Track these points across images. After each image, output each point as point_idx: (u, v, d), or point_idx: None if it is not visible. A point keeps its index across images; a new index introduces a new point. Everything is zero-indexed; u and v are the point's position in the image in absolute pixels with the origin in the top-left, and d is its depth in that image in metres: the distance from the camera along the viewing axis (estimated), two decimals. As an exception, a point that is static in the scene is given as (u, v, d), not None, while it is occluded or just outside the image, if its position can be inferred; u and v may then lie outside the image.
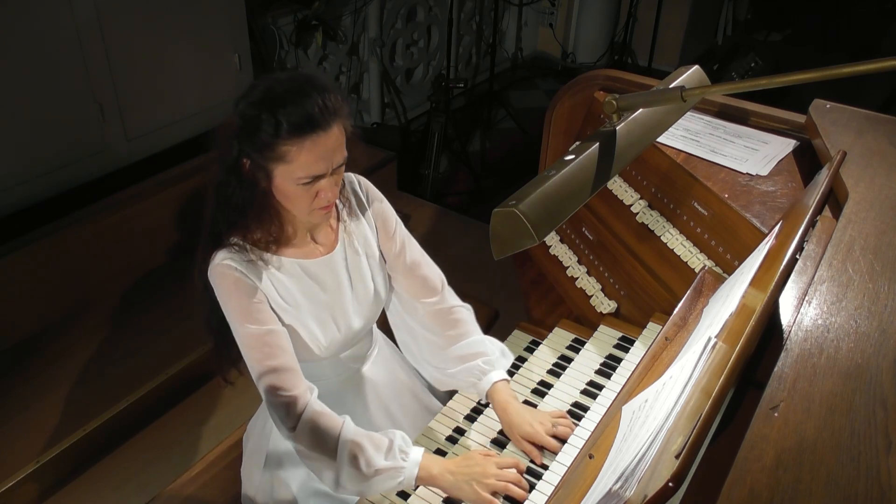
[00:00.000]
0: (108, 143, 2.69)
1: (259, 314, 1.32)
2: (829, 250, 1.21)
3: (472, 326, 1.55)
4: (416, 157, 4.13)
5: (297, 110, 1.20)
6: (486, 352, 1.51)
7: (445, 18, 4.34)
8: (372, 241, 1.50)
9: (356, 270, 1.46)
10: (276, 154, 1.22)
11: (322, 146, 1.22)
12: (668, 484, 0.74)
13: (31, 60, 2.36)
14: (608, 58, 5.60)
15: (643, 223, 1.78)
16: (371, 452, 1.30)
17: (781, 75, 0.92)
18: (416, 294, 1.54)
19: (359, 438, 1.31)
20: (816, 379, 0.97)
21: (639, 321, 1.74)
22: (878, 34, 4.90)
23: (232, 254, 1.32)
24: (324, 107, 1.21)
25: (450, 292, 1.57)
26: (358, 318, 1.47)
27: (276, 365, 1.31)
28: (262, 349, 1.31)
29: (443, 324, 1.53)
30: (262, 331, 1.32)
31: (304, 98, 1.21)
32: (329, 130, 1.22)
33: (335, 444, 1.30)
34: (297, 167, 1.23)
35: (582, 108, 2.09)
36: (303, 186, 1.26)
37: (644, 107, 1.16)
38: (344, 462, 1.29)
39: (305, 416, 1.30)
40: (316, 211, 1.31)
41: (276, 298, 1.36)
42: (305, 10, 3.57)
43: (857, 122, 1.68)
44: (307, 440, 1.30)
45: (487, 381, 1.48)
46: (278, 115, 1.19)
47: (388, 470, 1.30)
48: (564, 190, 0.99)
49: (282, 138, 1.20)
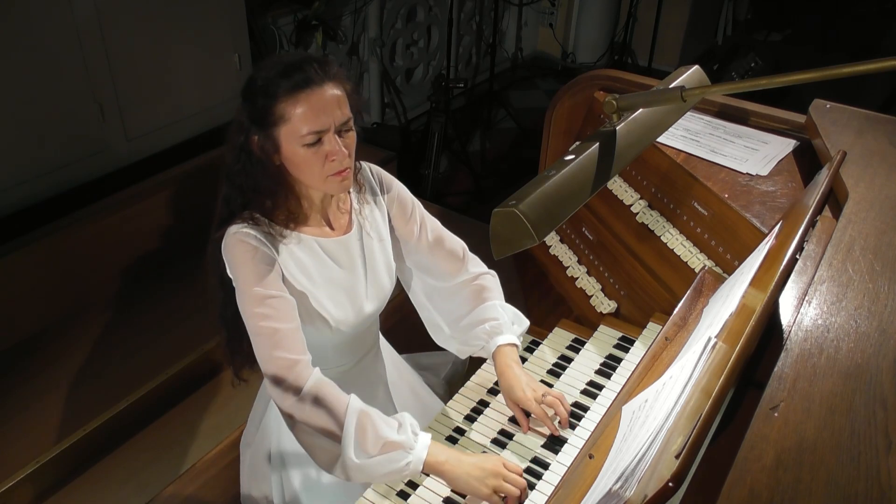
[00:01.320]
0: (108, 143, 2.69)
1: (270, 281, 1.30)
2: (829, 250, 1.21)
3: (493, 293, 1.57)
4: (416, 157, 4.13)
5: (291, 72, 1.24)
6: (496, 317, 1.53)
7: (445, 18, 4.33)
8: (383, 227, 1.51)
9: (370, 254, 1.47)
10: (275, 115, 1.25)
11: (318, 99, 1.25)
12: (668, 484, 0.74)
13: (30, 60, 2.36)
14: (608, 58, 5.60)
15: (643, 223, 1.77)
16: (381, 424, 1.25)
17: (781, 75, 0.92)
18: (443, 269, 1.56)
19: (368, 409, 1.27)
20: (816, 379, 0.97)
21: (639, 321, 1.74)
22: (878, 34, 4.90)
23: (249, 225, 1.32)
24: (317, 67, 1.25)
25: (472, 260, 1.60)
26: (369, 301, 1.48)
27: (281, 327, 1.28)
28: (266, 309, 1.27)
29: (469, 295, 1.56)
30: (271, 293, 1.29)
31: (298, 63, 1.25)
32: (323, 86, 1.25)
33: (343, 413, 1.24)
34: (297, 124, 1.25)
35: (582, 108, 2.09)
36: (310, 149, 1.26)
37: (644, 107, 1.16)
38: (351, 433, 1.23)
39: (311, 382, 1.26)
40: (330, 178, 1.30)
41: (292, 271, 1.35)
42: (305, 10, 3.57)
43: (857, 122, 1.68)
44: (312, 409, 1.25)
45: (493, 344, 1.51)
46: (272, 79, 1.24)
47: (397, 447, 1.25)
48: (564, 190, 0.99)
49: (277, 97, 1.24)
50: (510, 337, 1.52)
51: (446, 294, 1.58)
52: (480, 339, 1.52)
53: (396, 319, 2.31)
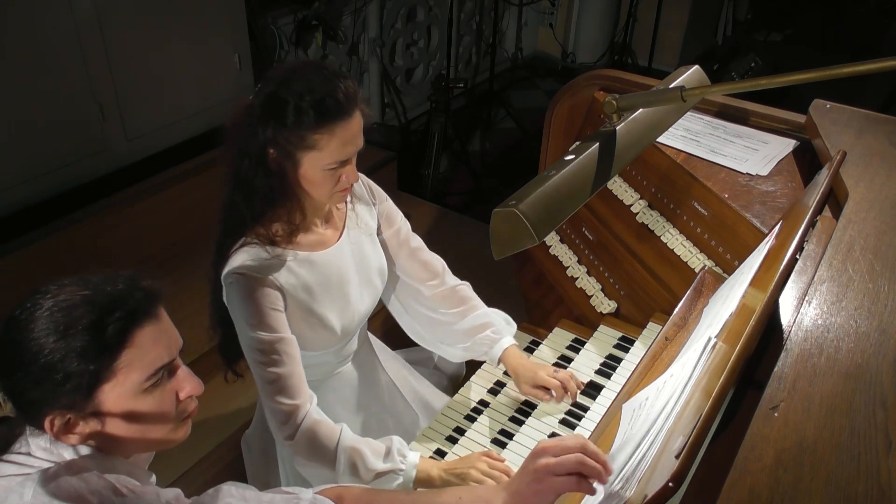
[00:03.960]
0: (108, 143, 2.69)
1: (272, 322, 1.33)
2: (829, 250, 1.21)
3: (477, 301, 1.66)
4: (416, 157, 4.13)
5: (325, 98, 1.23)
6: (493, 322, 1.62)
7: (445, 18, 4.33)
8: (372, 224, 1.56)
9: (362, 256, 1.51)
10: (307, 143, 1.25)
11: (349, 132, 1.27)
12: (668, 484, 0.74)
13: (31, 60, 2.36)
14: (608, 58, 5.60)
15: (643, 223, 1.77)
16: (370, 457, 1.31)
17: (781, 75, 0.92)
18: (422, 277, 1.62)
19: (357, 444, 1.32)
20: (816, 379, 0.96)
21: (639, 321, 1.74)
22: (878, 34, 4.90)
23: (250, 256, 1.33)
24: (346, 92, 1.25)
25: (450, 274, 1.67)
26: (363, 302, 1.52)
27: (283, 373, 1.32)
28: (270, 356, 1.32)
29: (449, 303, 1.63)
30: (274, 338, 1.32)
31: (327, 85, 1.24)
32: (353, 115, 1.27)
33: (333, 452, 1.32)
34: (327, 154, 1.26)
35: (582, 108, 2.09)
36: (329, 172, 1.29)
37: (644, 107, 1.16)
38: (343, 469, 1.31)
39: (304, 425, 1.32)
40: (337, 194, 1.36)
41: (293, 290, 1.37)
42: (305, 10, 3.57)
43: (857, 122, 1.68)
44: (305, 449, 1.32)
45: (499, 349, 1.59)
46: (305, 104, 1.22)
47: (387, 473, 1.31)
48: (564, 190, 0.99)
49: (311, 128, 1.23)
50: (510, 339, 1.62)
51: (430, 302, 1.64)
52: (485, 344, 1.60)
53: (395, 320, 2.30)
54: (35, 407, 0.89)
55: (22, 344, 0.88)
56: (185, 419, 1.01)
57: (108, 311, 0.89)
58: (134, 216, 2.55)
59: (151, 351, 0.92)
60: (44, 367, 0.87)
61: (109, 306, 0.89)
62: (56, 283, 0.92)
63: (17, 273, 2.25)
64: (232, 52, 3.06)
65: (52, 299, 0.90)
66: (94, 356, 0.88)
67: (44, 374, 0.87)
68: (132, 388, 0.91)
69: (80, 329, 0.87)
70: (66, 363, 0.87)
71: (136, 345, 0.90)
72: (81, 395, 0.89)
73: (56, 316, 0.88)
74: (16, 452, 0.93)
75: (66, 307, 0.89)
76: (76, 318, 0.88)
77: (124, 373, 0.90)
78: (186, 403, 1.00)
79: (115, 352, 0.89)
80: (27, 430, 0.93)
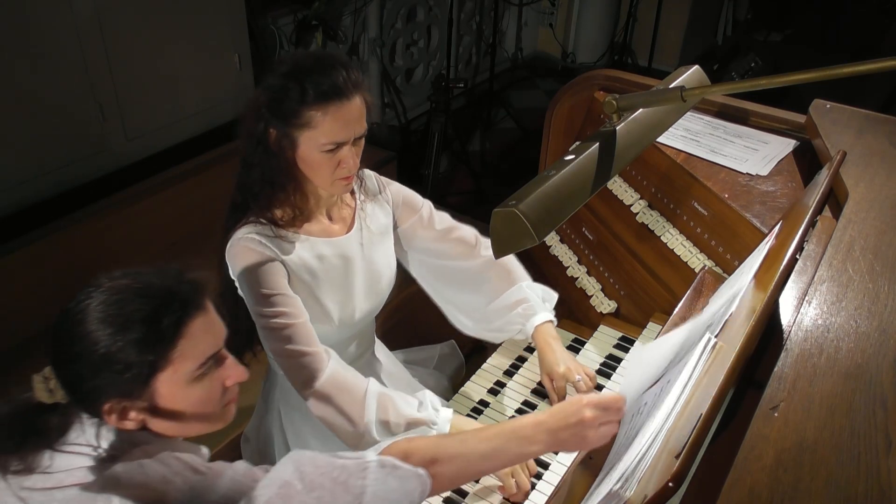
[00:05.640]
0: (108, 142, 2.69)
1: (275, 282, 1.33)
2: (829, 250, 1.21)
3: (520, 274, 1.61)
4: (416, 157, 4.13)
5: (323, 79, 1.25)
6: (526, 298, 1.57)
7: (445, 18, 4.33)
8: (385, 224, 1.54)
9: (370, 253, 1.50)
10: (302, 120, 1.27)
11: (345, 113, 1.27)
12: (668, 484, 0.74)
13: (31, 60, 2.36)
14: (608, 58, 5.60)
15: (643, 223, 1.77)
16: (401, 404, 1.30)
17: (781, 75, 0.92)
18: (457, 255, 1.59)
19: (388, 391, 1.31)
20: (816, 379, 0.96)
21: (639, 321, 1.74)
22: (878, 34, 4.90)
23: (254, 229, 1.34)
24: (347, 77, 1.27)
25: (485, 244, 1.61)
26: (367, 300, 1.51)
27: (294, 322, 1.31)
28: (274, 308, 1.31)
29: (496, 277, 1.58)
30: (276, 292, 1.32)
31: (329, 68, 1.27)
32: (352, 99, 1.28)
33: (362, 396, 1.29)
34: (321, 133, 1.27)
35: (582, 108, 2.09)
36: (326, 154, 1.30)
37: (644, 107, 1.16)
38: (373, 414, 1.28)
39: (329, 371, 1.30)
40: (337, 181, 1.35)
41: (296, 271, 1.38)
42: (305, 10, 3.57)
43: (857, 122, 1.68)
44: (333, 395, 1.29)
45: (531, 326, 1.55)
46: (305, 83, 1.25)
47: (420, 423, 1.29)
48: (564, 190, 0.99)
49: (307, 104, 1.25)
50: (545, 315, 1.57)
51: (473, 282, 1.60)
52: (517, 323, 1.57)
53: (397, 320, 2.31)
54: (93, 395, 0.94)
55: (79, 335, 0.92)
56: (228, 404, 1.05)
57: (163, 303, 0.93)
58: (134, 216, 2.55)
59: (202, 341, 0.97)
60: (103, 357, 0.91)
61: (163, 299, 0.93)
62: (107, 276, 0.96)
63: (17, 273, 2.25)
64: (232, 52, 3.06)
65: (105, 293, 0.94)
66: (151, 347, 0.92)
67: (103, 364, 0.91)
68: (184, 377, 0.96)
69: (137, 321, 0.92)
70: (125, 354, 0.91)
71: (189, 335, 0.95)
72: (139, 384, 0.93)
73: (111, 309, 0.92)
74: (75, 443, 0.96)
75: (121, 300, 0.93)
76: (132, 310, 0.92)
77: (178, 362, 0.94)
78: (231, 390, 1.04)
79: (170, 342, 0.93)
80: (83, 418, 0.97)
